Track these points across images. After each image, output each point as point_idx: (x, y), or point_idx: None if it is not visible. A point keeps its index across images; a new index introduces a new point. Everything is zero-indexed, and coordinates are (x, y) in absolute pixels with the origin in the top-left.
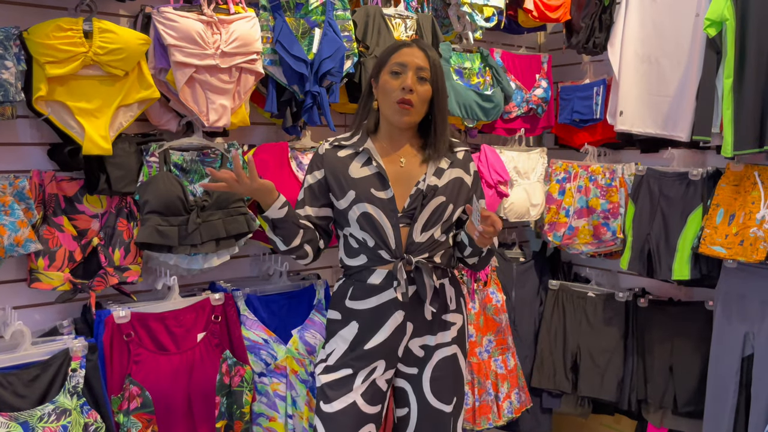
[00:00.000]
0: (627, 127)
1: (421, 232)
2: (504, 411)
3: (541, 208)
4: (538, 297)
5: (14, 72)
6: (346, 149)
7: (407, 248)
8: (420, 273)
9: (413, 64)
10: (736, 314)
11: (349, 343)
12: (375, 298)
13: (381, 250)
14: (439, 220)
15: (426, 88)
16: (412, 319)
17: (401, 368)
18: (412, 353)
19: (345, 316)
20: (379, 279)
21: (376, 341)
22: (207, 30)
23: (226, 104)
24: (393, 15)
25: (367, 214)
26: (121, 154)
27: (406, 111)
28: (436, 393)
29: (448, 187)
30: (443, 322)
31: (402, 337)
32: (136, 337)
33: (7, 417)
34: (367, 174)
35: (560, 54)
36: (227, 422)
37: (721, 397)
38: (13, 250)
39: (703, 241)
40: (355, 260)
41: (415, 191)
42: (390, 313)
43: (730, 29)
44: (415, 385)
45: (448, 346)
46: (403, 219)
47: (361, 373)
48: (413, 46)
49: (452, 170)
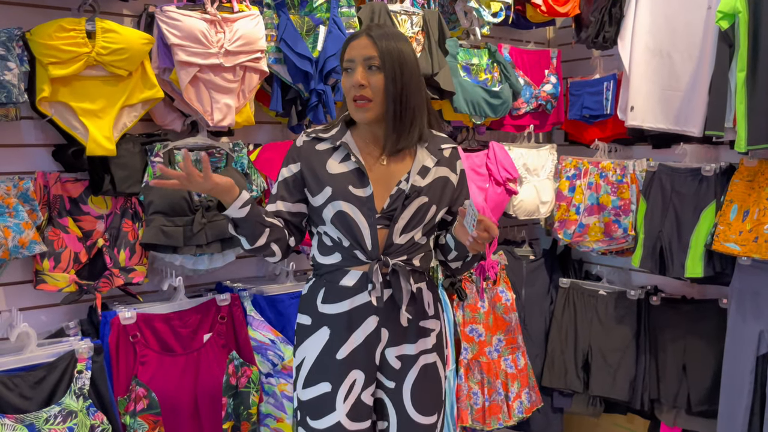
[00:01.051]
0: (638, 123)
1: (400, 233)
2: (514, 411)
3: (551, 205)
4: (548, 295)
5: (17, 73)
6: (325, 142)
7: (385, 250)
8: (397, 276)
9: (360, 57)
10: (751, 312)
11: (319, 352)
12: (348, 302)
13: (356, 251)
14: (421, 222)
15: (378, 77)
16: (387, 326)
17: (381, 379)
18: (389, 364)
19: (315, 321)
20: (353, 281)
21: (348, 349)
22: (211, 29)
23: (230, 103)
24: (399, 11)
25: (342, 212)
26: (125, 154)
27: (363, 108)
28: (418, 405)
29: (432, 186)
30: (421, 328)
31: (377, 345)
32: (142, 338)
33: (13, 419)
34: (345, 170)
35: (569, 49)
36: (234, 423)
37: (735, 396)
38: (18, 252)
39: (717, 238)
40: (328, 258)
41: (396, 191)
42: (363, 318)
43: (743, 22)
44: (394, 398)
45: (429, 353)
46: (381, 220)
47: (341, 390)
48: (361, 36)
49: (438, 168)
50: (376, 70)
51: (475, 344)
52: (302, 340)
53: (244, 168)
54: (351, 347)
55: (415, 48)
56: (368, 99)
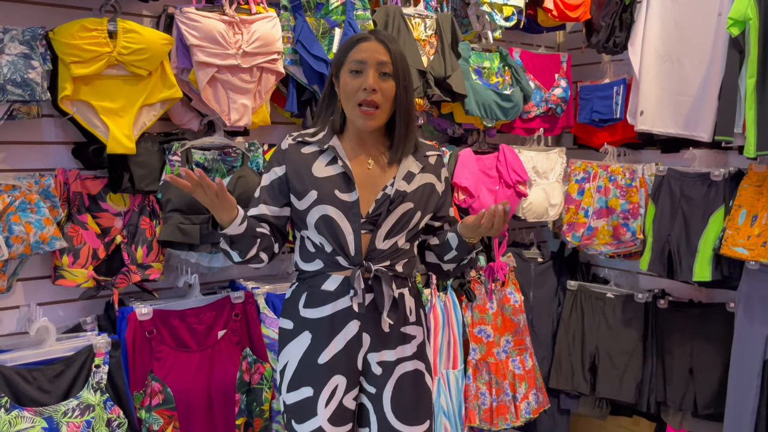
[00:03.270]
0: (647, 127)
1: (384, 239)
2: (521, 411)
3: (560, 208)
4: (556, 298)
5: (40, 72)
6: (311, 146)
7: (367, 255)
8: (379, 282)
9: (373, 60)
10: (758, 316)
11: (301, 356)
12: (330, 306)
13: (338, 256)
14: (405, 228)
15: (390, 84)
16: (368, 331)
17: (363, 384)
18: (371, 370)
19: (297, 326)
20: (334, 285)
21: (329, 354)
22: (229, 30)
23: (247, 104)
24: (413, 15)
25: (327, 216)
26: (144, 153)
27: (370, 116)
28: (398, 413)
29: (417, 192)
30: (402, 335)
31: (358, 350)
32: (158, 334)
33: (32, 412)
34: (331, 174)
35: (580, 53)
36: (247, 419)
37: (742, 399)
38: (39, 247)
39: (725, 242)
40: (310, 265)
41: (381, 195)
42: (344, 323)
43: (754, 28)
44: (375, 404)
45: (409, 360)
46: (366, 225)
47: (323, 395)
48: (372, 39)
49: (423, 175)
50: (388, 77)
51: (484, 345)
52: (285, 344)
53: (259, 167)
54: (332, 352)
55: (428, 51)
56: (376, 106)
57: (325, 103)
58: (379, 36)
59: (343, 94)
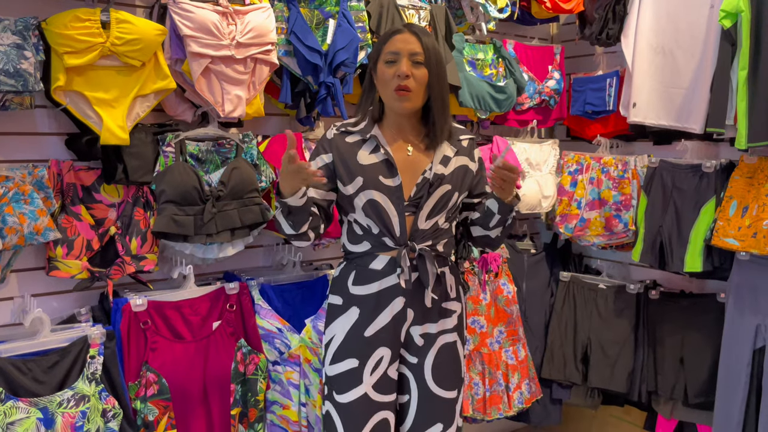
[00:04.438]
0: (640, 119)
1: (426, 219)
2: (514, 401)
3: (553, 199)
4: (548, 288)
5: (33, 62)
6: (354, 135)
7: (411, 236)
8: (423, 260)
9: (406, 50)
10: (748, 306)
11: (348, 329)
12: (377, 284)
13: (385, 237)
14: (444, 208)
15: (422, 71)
16: (413, 306)
17: (404, 355)
18: (413, 341)
19: (346, 302)
20: (382, 264)
21: (375, 327)
22: (222, 21)
23: (241, 95)
24: (407, 5)
25: (373, 201)
26: (137, 144)
27: (405, 97)
28: (438, 380)
29: (454, 175)
30: (443, 309)
31: (403, 324)
32: (152, 325)
33: (27, 402)
34: (375, 161)
35: (573, 45)
36: (242, 410)
37: (732, 389)
38: (33, 238)
39: (716, 233)
40: (358, 246)
41: (421, 180)
42: (391, 299)
43: (746, 21)
44: (416, 372)
45: (450, 333)
46: (408, 207)
47: (368, 365)
48: (405, 31)
49: (458, 158)
50: (420, 65)
51: (477, 335)
52: (333, 319)
53: (253, 159)
54: (379, 326)
55: None
56: (410, 89)
57: (365, 95)
58: (412, 29)
59: (381, 83)
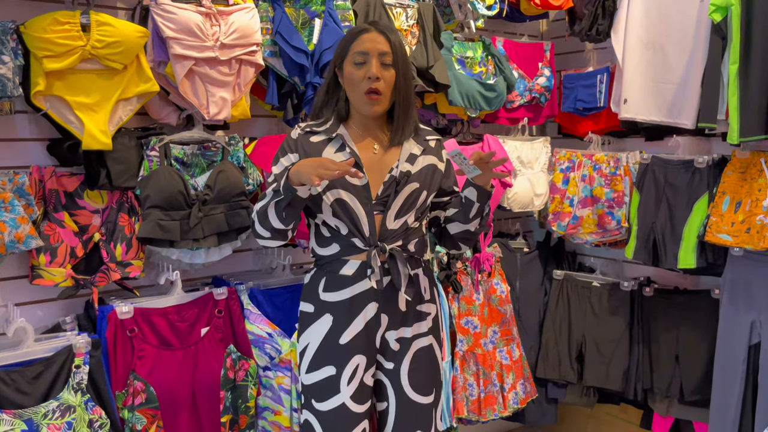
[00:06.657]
0: (631, 115)
1: (394, 219)
2: (509, 402)
3: (545, 197)
4: (542, 287)
5: (11, 67)
6: (319, 135)
7: (381, 236)
8: (394, 261)
9: (375, 51)
10: (743, 302)
11: (323, 337)
12: (348, 290)
13: (354, 238)
14: (413, 207)
15: (391, 72)
16: (386, 311)
17: (380, 360)
18: (389, 346)
19: (318, 309)
20: (353, 270)
21: (350, 334)
22: (206, 22)
23: (226, 97)
24: (394, 4)
25: (341, 200)
26: (121, 148)
27: (376, 101)
28: (415, 386)
29: (422, 173)
30: (418, 312)
31: (377, 330)
32: (139, 333)
33: (11, 414)
34: (342, 160)
35: (563, 42)
36: (232, 417)
37: (727, 385)
38: (14, 246)
39: (709, 229)
40: (326, 249)
41: (388, 178)
42: (363, 305)
43: (736, 14)
44: (393, 378)
45: (424, 336)
46: (377, 206)
47: (345, 374)
48: (372, 30)
49: (425, 157)
50: (389, 66)
51: (471, 336)
52: (306, 326)
53: (240, 162)
54: (353, 332)
55: (410, 41)
56: (379, 93)
57: (328, 94)
58: (379, 27)
59: (348, 83)
